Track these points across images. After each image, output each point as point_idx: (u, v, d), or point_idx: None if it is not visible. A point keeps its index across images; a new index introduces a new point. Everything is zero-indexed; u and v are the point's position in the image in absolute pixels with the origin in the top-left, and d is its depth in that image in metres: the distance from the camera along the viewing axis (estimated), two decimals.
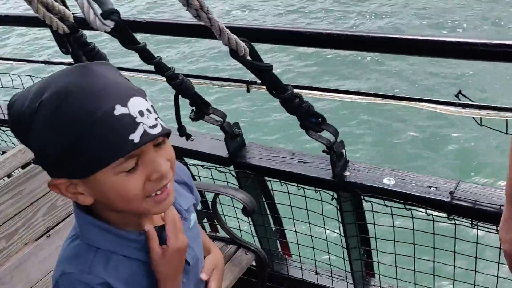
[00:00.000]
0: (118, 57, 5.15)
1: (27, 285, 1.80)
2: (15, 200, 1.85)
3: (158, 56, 1.53)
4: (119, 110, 0.79)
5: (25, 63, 2.42)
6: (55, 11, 1.61)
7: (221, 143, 1.93)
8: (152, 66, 1.54)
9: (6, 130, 2.72)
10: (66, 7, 1.69)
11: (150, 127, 0.82)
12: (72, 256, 0.94)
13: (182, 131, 1.77)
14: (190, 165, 2.07)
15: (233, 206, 2.09)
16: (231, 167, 1.96)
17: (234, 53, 1.25)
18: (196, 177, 2.10)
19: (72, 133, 0.78)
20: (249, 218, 2.15)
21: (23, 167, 2.02)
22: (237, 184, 2.00)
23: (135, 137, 0.80)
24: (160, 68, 1.55)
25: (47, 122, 0.78)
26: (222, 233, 2.09)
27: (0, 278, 1.79)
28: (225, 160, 1.93)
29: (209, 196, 2.06)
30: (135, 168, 0.84)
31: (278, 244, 2.29)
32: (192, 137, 2.00)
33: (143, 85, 1.09)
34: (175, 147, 2.03)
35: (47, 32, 2.18)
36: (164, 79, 1.58)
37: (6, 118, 2.54)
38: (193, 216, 1.10)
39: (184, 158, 2.09)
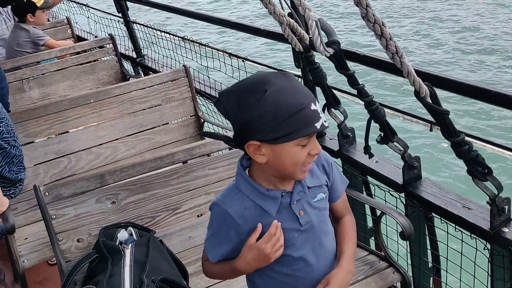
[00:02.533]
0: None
1: None
2: (229, 167, 2.40)
3: (362, 84, 1.87)
4: (313, 107, 1.25)
5: (267, 68, 3.00)
6: (297, 33, 2.09)
7: (399, 171, 2.19)
8: (356, 90, 1.89)
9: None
10: (306, 31, 2.15)
11: (324, 121, 1.27)
12: (224, 190, 1.44)
13: (367, 150, 2.08)
14: (369, 182, 2.37)
15: (396, 230, 2.31)
16: (402, 194, 2.19)
17: (417, 93, 1.53)
18: (372, 195, 2.39)
19: (285, 114, 1.23)
20: (408, 246, 2.36)
21: None
22: (404, 211, 2.22)
23: (318, 125, 1.26)
24: (362, 94, 1.89)
25: (270, 106, 1.23)
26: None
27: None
28: (398, 186, 2.18)
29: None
30: (305, 145, 1.28)
31: (431, 280, 2.42)
32: (377, 159, 2.30)
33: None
34: (360, 164, 2.36)
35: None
36: (361, 102, 1.91)
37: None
38: (320, 195, 1.43)
39: (367, 176, 2.39)
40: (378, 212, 2.30)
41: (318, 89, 2.38)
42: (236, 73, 3.11)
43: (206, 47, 3.47)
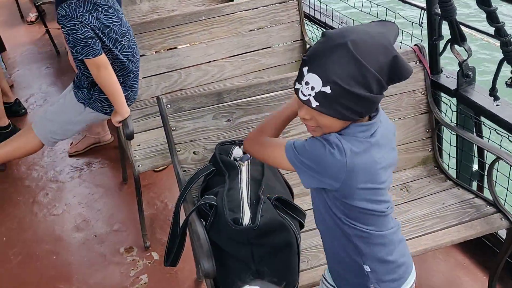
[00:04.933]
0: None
1: None
2: None
3: (502, 22, 1.76)
4: (305, 69, 1.27)
5: None
6: None
7: None
8: (494, 28, 1.79)
9: None
10: None
11: (302, 92, 1.27)
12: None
13: (493, 92, 1.99)
14: (486, 124, 2.29)
15: (508, 177, 2.25)
16: None
17: None
18: (484, 138, 2.32)
19: None
20: None
21: None
22: None
23: (297, 85, 1.30)
24: (500, 33, 1.78)
25: None
26: (487, 195, 2.29)
27: None
28: None
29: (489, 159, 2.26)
30: None
31: None
32: (497, 103, 2.20)
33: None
34: (478, 105, 2.28)
35: None
36: (495, 42, 1.81)
37: None
38: None
39: (482, 117, 2.31)
40: (490, 156, 2.23)
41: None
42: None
43: None
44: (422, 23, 2.43)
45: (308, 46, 3.30)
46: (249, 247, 1.69)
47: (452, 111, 2.45)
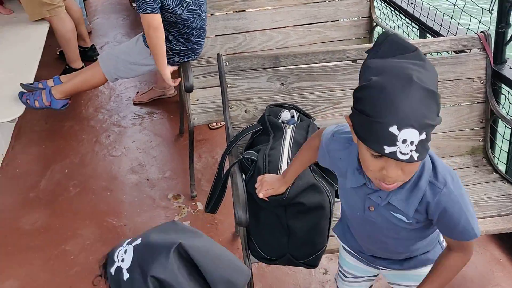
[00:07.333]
0: None
1: None
2: None
3: None
4: (393, 129, 1.10)
5: None
6: None
7: None
8: None
9: None
10: None
11: (401, 153, 1.11)
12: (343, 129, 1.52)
13: None
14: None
15: None
16: None
17: None
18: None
19: (366, 114, 1.13)
20: None
21: None
22: None
23: (387, 149, 1.12)
24: None
25: (364, 97, 1.16)
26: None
27: None
28: None
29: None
30: (379, 157, 1.18)
31: None
32: None
33: None
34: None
35: None
36: None
37: None
38: (399, 216, 1.36)
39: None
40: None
41: None
42: None
43: None
44: (492, 9, 2.38)
45: (374, 24, 3.30)
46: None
47: (511, 103, 2.41)
